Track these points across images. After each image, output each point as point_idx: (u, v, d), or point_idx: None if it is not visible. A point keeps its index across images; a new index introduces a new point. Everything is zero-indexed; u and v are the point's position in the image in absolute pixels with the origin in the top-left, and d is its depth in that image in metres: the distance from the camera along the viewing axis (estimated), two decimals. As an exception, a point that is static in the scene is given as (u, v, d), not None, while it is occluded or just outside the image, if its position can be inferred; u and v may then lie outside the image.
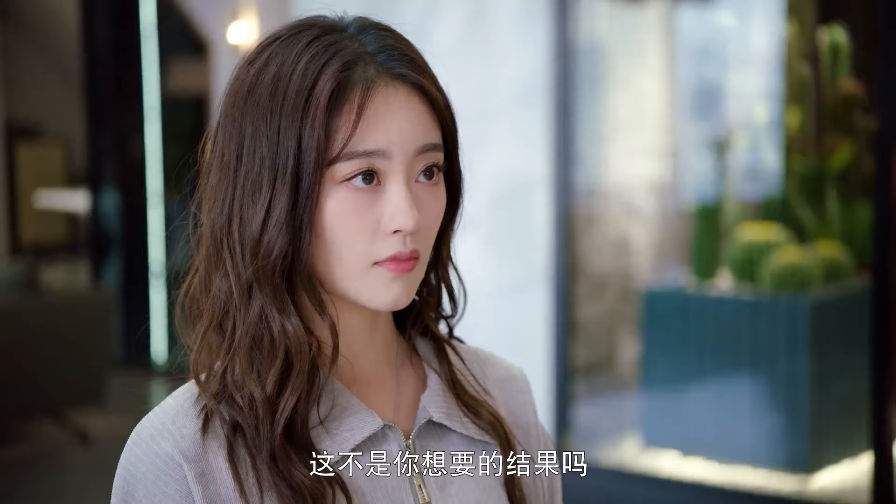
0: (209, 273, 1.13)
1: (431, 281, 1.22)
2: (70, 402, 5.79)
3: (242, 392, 1.09)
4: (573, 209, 4.31)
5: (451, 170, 1.17)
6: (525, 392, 1.32)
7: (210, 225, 1.12)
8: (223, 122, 1.12)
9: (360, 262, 1.09)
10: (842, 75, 4.47)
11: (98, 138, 7.73)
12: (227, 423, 1.09)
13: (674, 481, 4.19)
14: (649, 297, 4.53)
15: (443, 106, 1.13)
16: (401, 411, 1.19)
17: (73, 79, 9.54)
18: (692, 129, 4.97)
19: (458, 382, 1.23)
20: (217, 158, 1.12)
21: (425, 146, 1.10)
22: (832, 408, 4.21)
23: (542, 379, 4.29)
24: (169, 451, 1.08)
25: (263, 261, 1.08)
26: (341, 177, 1.07)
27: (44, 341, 5.56)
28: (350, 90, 1.07)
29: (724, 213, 4.58)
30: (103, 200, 7.74)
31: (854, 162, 4.44)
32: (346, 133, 1.06)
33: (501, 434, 1.22)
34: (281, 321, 1.09)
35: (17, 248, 10.27)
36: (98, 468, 5.46)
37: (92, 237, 8.09)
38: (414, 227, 1.08)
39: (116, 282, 7.63)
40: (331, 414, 1.12)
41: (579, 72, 4.31)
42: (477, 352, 1.31)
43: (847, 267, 4.30)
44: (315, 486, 1.08)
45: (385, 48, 1.11)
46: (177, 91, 7.46)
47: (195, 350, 1.14)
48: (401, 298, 1.11)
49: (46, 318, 5.66)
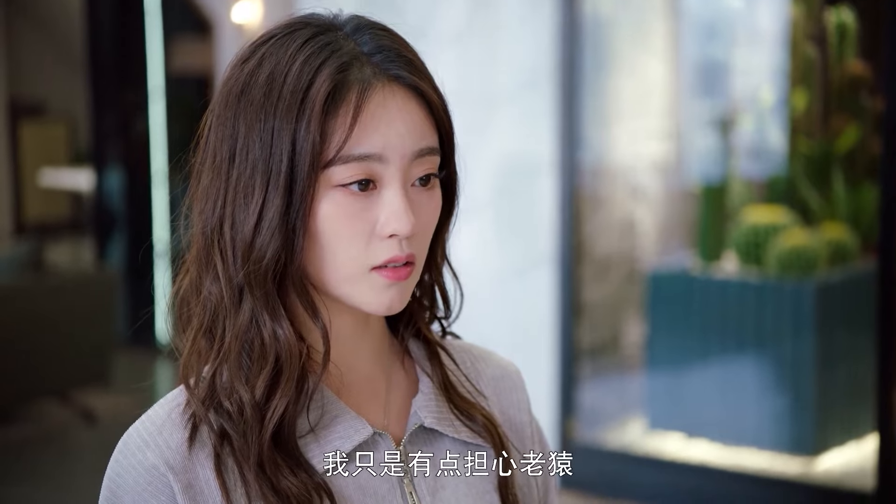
0: (200, 275, 1.11)
1: (425, 282, 1.20)
2: (75, 382, 5.80)
3: (231, 398, 1.08)
4: (578, 190, 4.30)
5: (448, 171, 1.15)
6: (519, 390, 1.29)
7: (201, 226, 1.10)
8: (215, 122, 1.10)
9: (354, 267, 1.07)
10: (848, 57, 4.45)
11: (102, 117, 7.71)
12: (215, 432, 1.07)
13: (678, 463, 4.20)
14: (654, 280, 4.52)
15: (440, 108, 1.10)
16: (391, 415, 1.17)
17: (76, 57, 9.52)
18: (697, 108, 4.95)
19: (451, 385, 1.21)
20: (209, 159, 1.10)
21: (422, 150, 1.08)
22: (837, 390, 4.21)
23: (547, 361, 4.29)
24: (155, 462, 1.06)
25: (255, 265, 1.06)
26: (336, 181, 1.05)
27: (49, 321, 5.56)
28: (346, 92, 1.05)
29: (730, 194, 4.56)
30: (107, 179, 7.73)
31: (860, 144, 4.42)
32: (341, 136, 1.04)
33: (495, 436, 1.19)
34: (272, 326, 1.07)
35: (22, 228, 10.27)
36: (103, 448, 5.47)
37: (96, 216, 8.09)
38: (410, 231, 1.06)
39: (120, 261, 7.63)
40: (320, 422, 1.11)
41: (584, 53, 4.29)
42: (471, 349, 1.28)
43: (853, 249, 4.29)
44: (302, 493, 1.06)
45: (381, 49, 1.08)
46: (181, 69, 7.44)
47: (185, 354, 1.12)
48: (395, 303, 1.09)
49: (51, 298, 5.67)
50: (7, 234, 8.94)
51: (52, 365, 5.58)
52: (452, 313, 1.23)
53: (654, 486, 4.17)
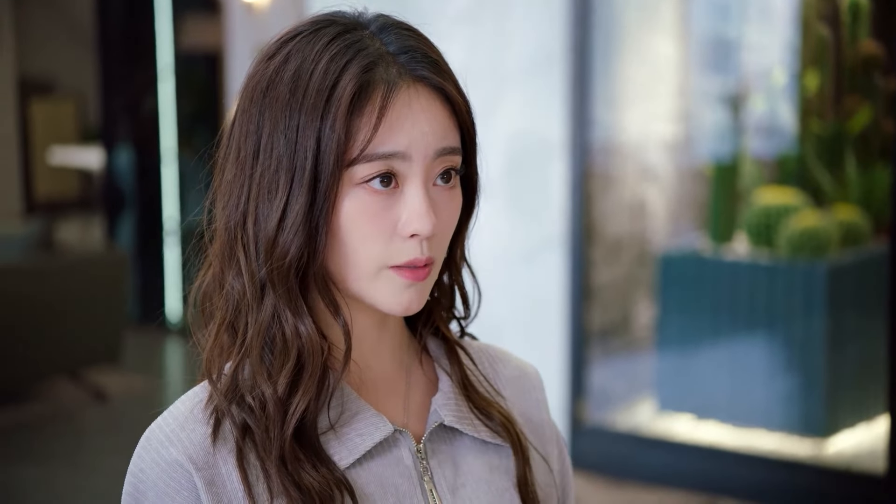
0: (223, 270, 1.11)
1: (444, 282, 1.20)
2: (86, 361, 5.82)
3: (254, 392, 1.08)
4: (589, 171, 4.29)
5: (469, 172, 1.15)
6: (538, 390, 1.29)
7: (224, 221, 1.10)
8: (240, 117, 1.10)
9: (373, 265, 1.08)
10: (861, 36, 4.42)
11: (112, 95, 7.71)
12: (237, 426, 1.08)
13: (688, 445, 4.20)
14: (665, 261, 4.51)
15: (463, 109, 1.11)
16: (411, 413, 1.17)
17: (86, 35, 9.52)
18: (707, 84, 4.92)
19: (470, 384, 1.21)
20: (233, 154, 1.10)
21: (444, 149, 1.08)
22: (848, 372, 4.21)
23: (558, 342, 4.29)
24: (178, 458, 1.07)
25: (278, 261, 1.06)
26: (359, 178, 1.06)
27: (59, 301, 5.58)
28: (372, 91, 1.05)
29: (741, 175, 4.55)
30: (117, 157, 7.73)
31: (873, 125, 4.40)
32: (366, 135, 1.05)
33: (513, 435, 1.20)
34: (294, 322, 1.08)
35: (32, 207, 10.28)
36: (114, 426, 5.50)
37: (106, 194, 8.10)
38: (431, 231, 1.06)
39: (130, 239, 7.64)
40: (340, 419, 1.11)
41: (595, 33, 4.27)
42: (488, 349, 1.29)
43: (865, 231, 4.27)
44: (324, 488, 1.06)
45: (407, 49, 1.09)
46: (190, 48, 7.43)
47: (207, 349, 1.12)
48: (413, 304, 1.09)
49: (62, 277, 5.68)
50: (17, 214, 8.95)
51: (63, 344, 5.60)
52: (471, 313, 1.23)
53: (663, 467, 4.17)
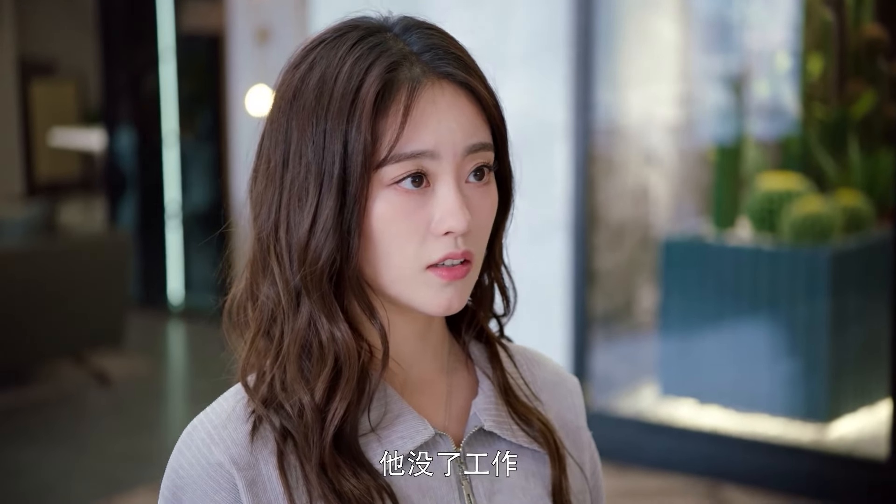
0: (256, 280, 1.11)
1: (484, 282, 1.19)
2: (89, 344, 5.83)
3: (291, 400, 1.08)
4: (592, 154, 4.28)
5: (502, 168, 1.15)
6: (575, 396, 1.28)
7: (257, 232, 1.10)
8: (269, 127, 1.10)
9: (411, 266, 1.07)
10: (865, 21, 4.41)
11: (113, 76, 7.70)
12: (277, 430, 1.08)
13: (691, 430, 4.21)
14: (668, 246, 4.51)
15: (491, 104, 1.10)
16: (451, 417, 1.17)
17: (87, 16, 9.49)
18: (710, 66, 4.90)
19: (510, 388, 1.20)
20: (263, 165, 1.10)
21: (474, 146, 1.08)
22: (851, 358, 4.21)
23: (561, 327, 4.29)
24: (220, 458, 1.07)
25: (311, 267, 1.06)
26: (389, 180, 1.05)
27: (62, 283, 5.58)
28: (396, 91, 1.05)
29: (744, 159, 4.54)
30: (118, 139, 7.73)
31: (876, 109, 4.39)
32: (392, 135, 1.04)
33: (551, 442, 1.19)
34: (329, 328, 1.07)
35: (33, 189, 10.27)
36: (116, 408, 5.51)
37: (107, 176, 8.10)
38: (465, 228, 1.05)
39: (132, 221, 7.64)
40: (382, 421, 1.11)
41: (598, 15, 4.26)
42: (525, 352, 1.28)
43: (868, 216, 4.26)
44: (364, 495, 1.06)
45: (431, 47, 1.08)
46: (191, 29, 7.42)
47: (243, 357, 1.12)
48: (454, 303, 1.08)
49: (64, 260, 5.68)
50: (19, 196, 8.94)
51: (65, 327, 5.61)
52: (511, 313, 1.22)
53: (666, 452, 4.18)
